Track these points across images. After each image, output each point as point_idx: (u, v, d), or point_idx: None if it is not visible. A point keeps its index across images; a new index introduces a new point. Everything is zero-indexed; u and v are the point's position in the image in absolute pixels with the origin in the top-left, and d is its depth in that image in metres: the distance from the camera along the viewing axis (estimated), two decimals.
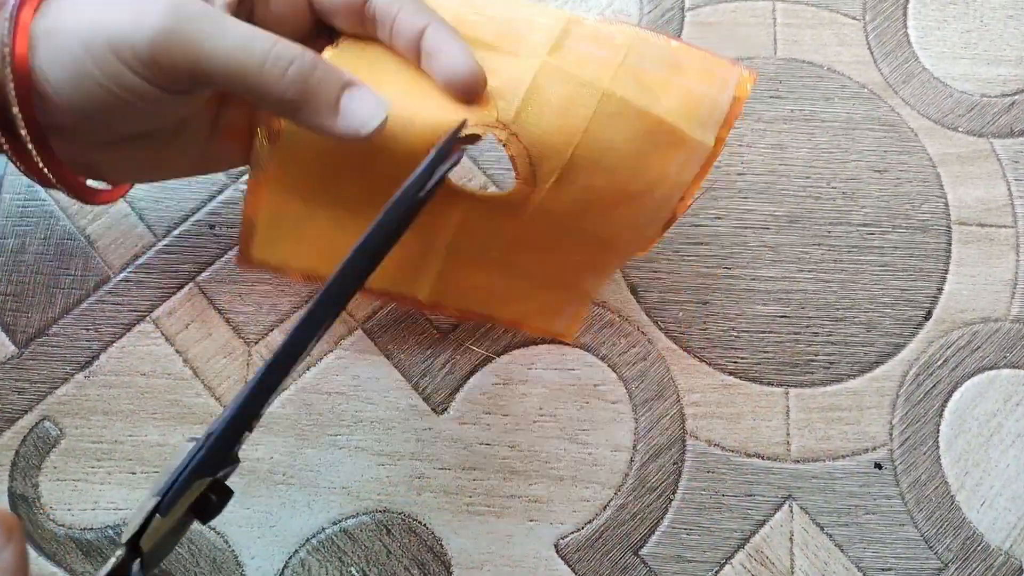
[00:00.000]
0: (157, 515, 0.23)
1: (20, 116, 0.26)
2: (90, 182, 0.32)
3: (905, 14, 0.43)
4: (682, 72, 0.30)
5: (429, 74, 0.29)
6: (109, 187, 0.34)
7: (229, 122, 0.32)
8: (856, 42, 0.42)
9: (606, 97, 0.28)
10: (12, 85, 0.26)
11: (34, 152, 0.27)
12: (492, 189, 0.31)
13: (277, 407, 0.36)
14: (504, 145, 0.29)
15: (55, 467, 0.35)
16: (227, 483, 0.26)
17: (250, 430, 0.26)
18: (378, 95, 0.27)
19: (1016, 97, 0.42)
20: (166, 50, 0.25)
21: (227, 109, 0.32)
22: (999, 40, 0.43)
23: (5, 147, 0.28)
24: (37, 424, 0.36)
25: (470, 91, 0.28)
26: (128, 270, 0.38)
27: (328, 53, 0.29)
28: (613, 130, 0.29)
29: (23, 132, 0.27)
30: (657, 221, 0.33)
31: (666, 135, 0.29)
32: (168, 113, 0.29)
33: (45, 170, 0.28)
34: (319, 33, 0.31)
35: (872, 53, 0.42)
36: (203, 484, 0.24)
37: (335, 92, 0.27)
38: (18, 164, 0.29)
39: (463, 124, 0.28)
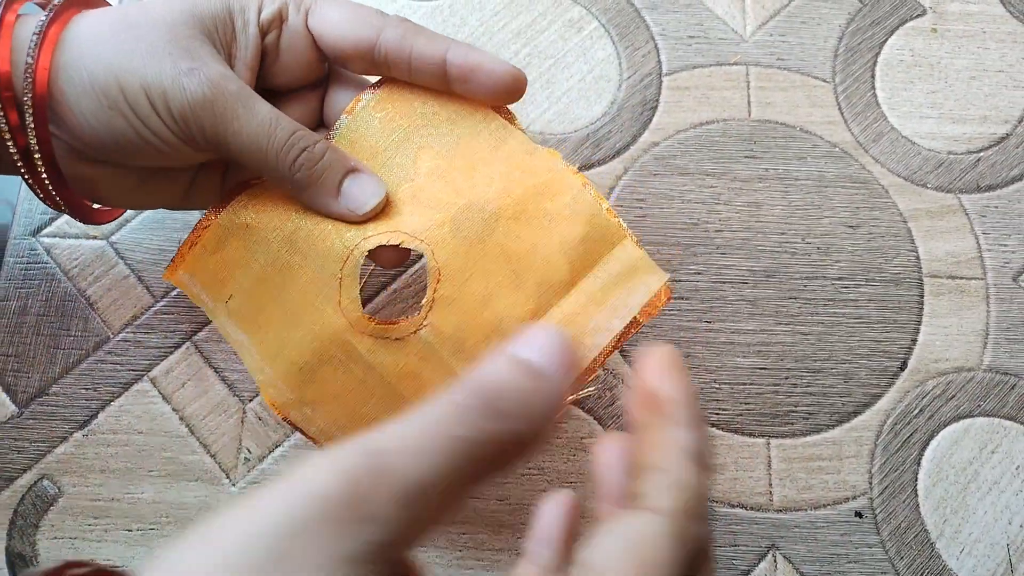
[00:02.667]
0: None
1: (34, 132, 0.28)
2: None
3: (873, 76, 0.45)
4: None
5: (468, 95, 0.30)
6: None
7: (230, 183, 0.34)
8: (827, 103, 0.44)
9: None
10: (31, 105, 0.27)
11: (41, 167, 0.29)
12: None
13: (269, 463, 0.37)
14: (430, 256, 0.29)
15: (53, 525, 0.36)
16: None
17: None
18: (377, 179, 0.29)
19: (981, 154, 0.43)
20: (197, 117, 0.28)
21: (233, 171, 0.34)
22: (963, 100, 0.45)
23: (20, 167, 0.29)
24: (36, 483, 0.37)
25: (519, 92, 0.30)
26: (127, 330, 0.39)
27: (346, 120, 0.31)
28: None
29: (33, 145, 0.28)
30: None
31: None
32: (179, 159, 0.30)
33: (50, 187, 0.30)
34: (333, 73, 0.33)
35: (842, 114, 0.44)
36: None
37: (338, 178, 0.29)
38: (28, 179, 0.30)
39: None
